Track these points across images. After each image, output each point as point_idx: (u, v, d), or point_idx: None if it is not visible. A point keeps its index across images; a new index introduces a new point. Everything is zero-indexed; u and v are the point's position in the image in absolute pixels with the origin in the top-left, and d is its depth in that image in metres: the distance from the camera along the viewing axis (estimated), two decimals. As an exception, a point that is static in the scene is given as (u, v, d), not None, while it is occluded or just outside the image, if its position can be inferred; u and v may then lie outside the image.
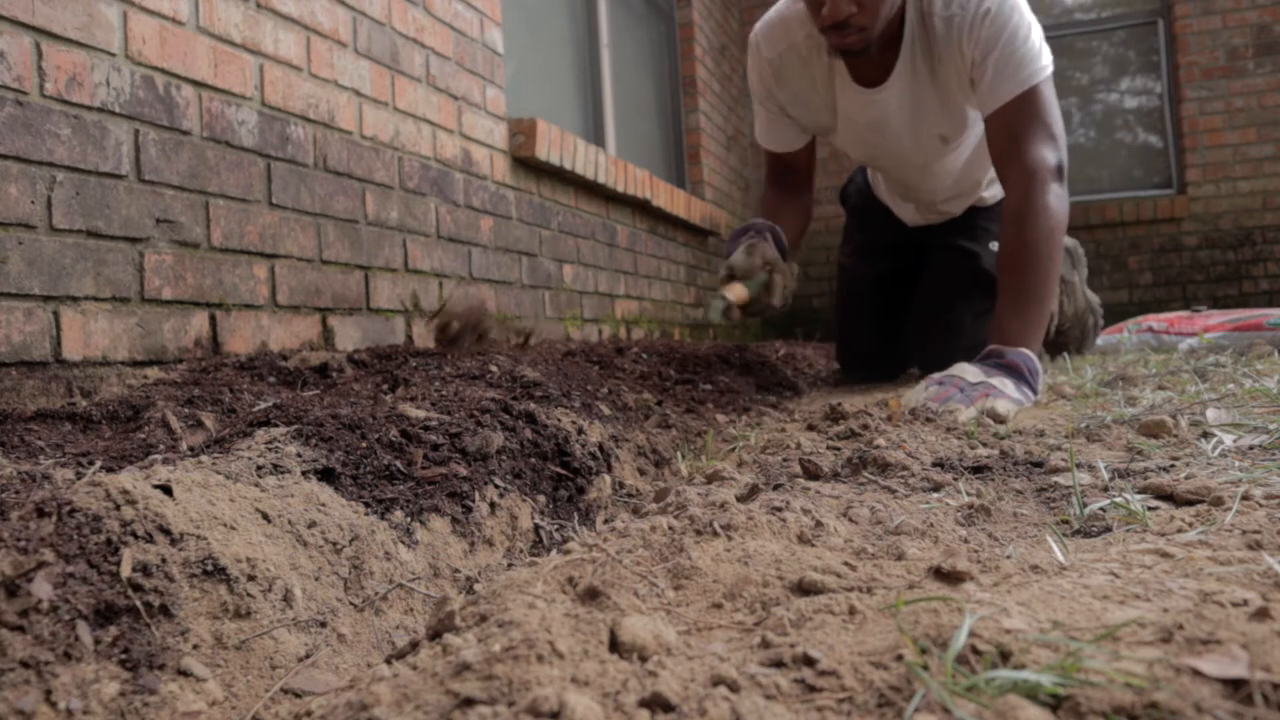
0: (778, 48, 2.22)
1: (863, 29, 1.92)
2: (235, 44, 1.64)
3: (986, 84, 1.93)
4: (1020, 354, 1.75)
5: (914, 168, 2.38)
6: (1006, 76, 1.91)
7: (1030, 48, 1.92)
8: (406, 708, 0.46)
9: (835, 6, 1.88)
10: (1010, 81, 1.91)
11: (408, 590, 0.88)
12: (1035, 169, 1.86)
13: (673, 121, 4.58)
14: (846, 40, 1.95)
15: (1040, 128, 1.90)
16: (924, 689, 0.43)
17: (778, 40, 2.22)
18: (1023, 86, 1.90)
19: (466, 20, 2.46)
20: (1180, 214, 4.99)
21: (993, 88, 1.93)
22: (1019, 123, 1.90)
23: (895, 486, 1.00)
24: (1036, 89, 1.91)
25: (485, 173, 2.49)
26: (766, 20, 2.26)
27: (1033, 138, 1.89)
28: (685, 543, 0.70)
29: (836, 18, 1.89)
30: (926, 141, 2.24)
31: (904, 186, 2.54)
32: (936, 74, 2.08)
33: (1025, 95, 1.90)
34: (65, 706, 0.55)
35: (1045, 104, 1.92)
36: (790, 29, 2.19)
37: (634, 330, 3.46)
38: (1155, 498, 0.88)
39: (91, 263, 1.35)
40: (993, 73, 1.92)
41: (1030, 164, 1.87)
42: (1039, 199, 1.84)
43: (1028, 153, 1.88)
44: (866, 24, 1.91)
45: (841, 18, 1.88)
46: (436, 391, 1.35)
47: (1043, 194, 1.85)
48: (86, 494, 0.68)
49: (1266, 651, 0.43)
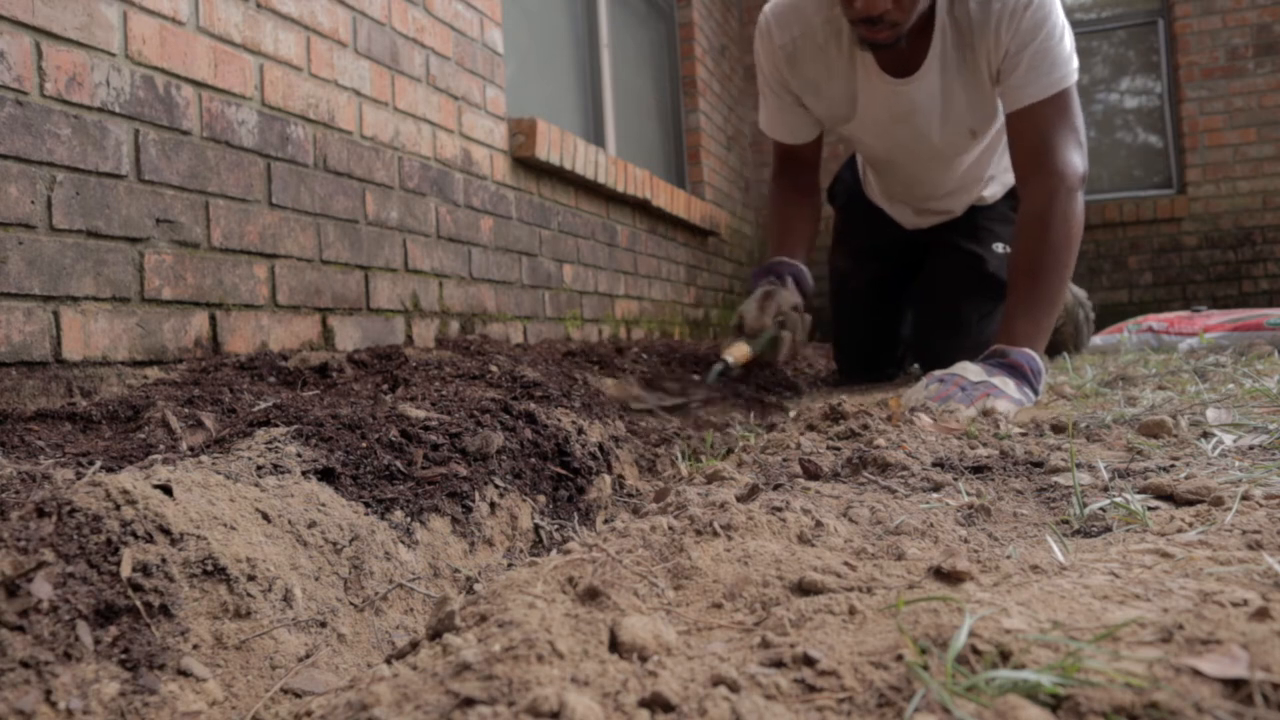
0: (791, 32, 2.13)
1: (895, 24, 1.86)
2: (235, 44, 1.64)
3: (1018, 77, 1.89)
4: (1023, 354, 1.74)
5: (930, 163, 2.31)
6: (1041, 73, 1.87)
7: (1064, 49, 1.89)
8: (406, 708, 0.46)
9: (870, 1, 1.80)
10: (1044, 79, 1.87)
11: (408, 590, 0.88)
12: (1065, 174, 1.84)
13: (673, 121, 4.58)
14: (878, 35, 1.88)
15: (1071, 132, 1.87)
16: (924, 689, 0.43)
17: (790, 24, 2.13)
18: (1056, 87, 1.87)
19: (466, 20, 2.46)
20: (1180, 214, 4.99)
21: (1024, 82, 1.88)
22: (1050, 124, 1.87)
23: (895, 486, 1.00)
24: (1068, 92, 1.88)
25: (485, 173, 2.49)
26: (777, 3, 2.16)
27: (1063, 141, 1.86)
28: (685, 543, 0.70)
29: (871, 12, 1.82)
30: (954, 135, 2.18)
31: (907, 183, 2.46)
32: (967, 65, 2.02)
33: (1058, 96, 1.87)
34: (65, 706, 0.55)
35: (1075, 108, 1.89)
36: (804, 13, 2.11)
37: (634, 330, 3.46)
38: (1155, 498, 0.88)
39: (91, 263, 1.35)
40: (1026, 67, 1.87)
41: (1060, 168, 1.84)
42: (1065, 205, 1.82)
43: (1058, 157, 1.85)
44: (900, 19, 1.85)
45: (876, 12, 1.81)
46: (436, 391, 1.35)
47: (1070, 200, 1.82)
48: (86, 494, 0.68)
49: (1266, 651, 0.43)
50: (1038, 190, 1.86)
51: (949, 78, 2.06)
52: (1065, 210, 1.82)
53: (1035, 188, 1.87)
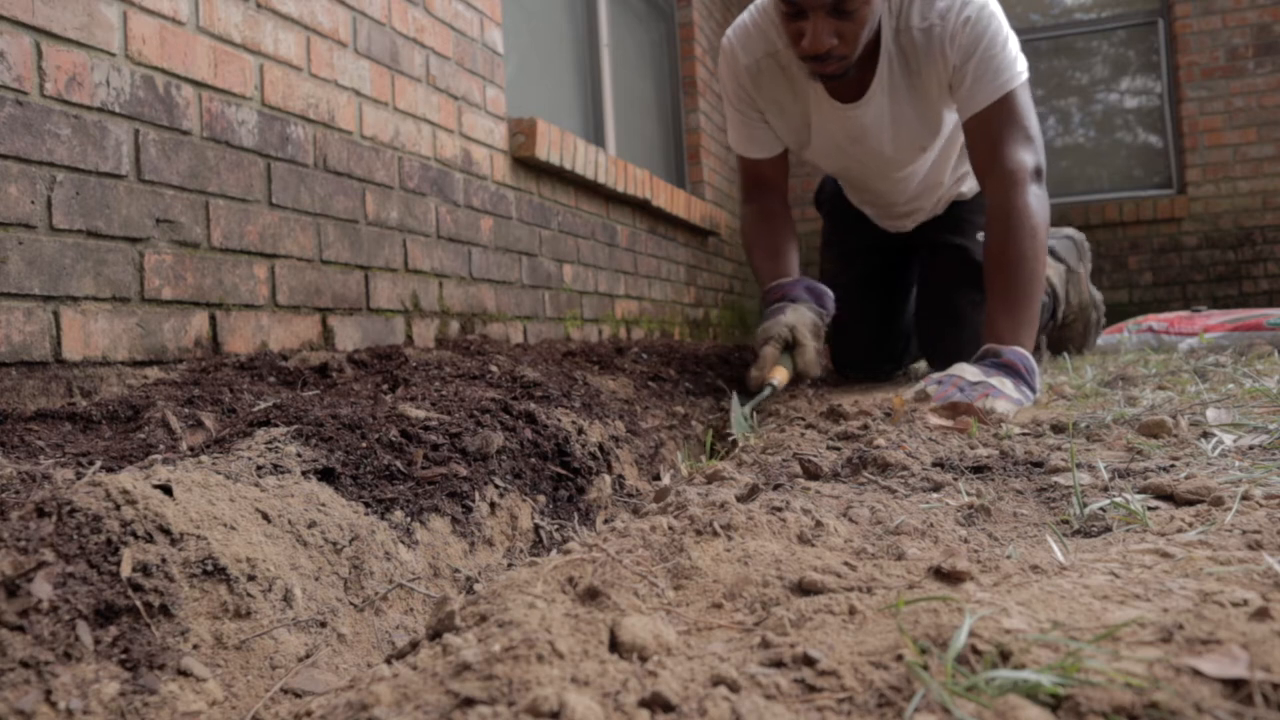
0: (754, 54, 2.19)
1: (843, 58, 1.94)
2: (235, 44, 1.64)
3: (966, 89, 1.98)
4: (1016, 353, 1.75)
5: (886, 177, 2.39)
6: (985, 81, 1.95)
7: (1007, 54, 1.96)
8: (406, 708, 0.46)
9: (816, 40, 1.88)
10: (989, 87, 1.95)
11: (408, 590, 0.88)
12: (1014, 171, 1.91)
13: (673, 121, 4.58)
14: (826, 69, 1.97)
15: (1018, 131, 1.95)
16: (924, 689, 0.43)
17: (754, 47, 2.19)
18: (1001, 91, 1.95)
19: (466, 20, 2.46)
20: (1180, 214, 4.99)
21: (971, 92, 1.97)
22: (997, 127, 1.95)
23: (895, 486, 1.00)
24: (1013, 94, 1.95)
25: (485, 173, 2.49)
26: (741, 26, 2.23)
27: (1011, 141, 1.94)
28: (685, 543, 0.70)
29: (818, 50, 1.90)
30: (905, 151, 2.27)
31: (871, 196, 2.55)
32: (914, 87, 2.11)
33: (1003, 100, 1.95)
34: (65, 706, 0.55)
35: (1022, 108, 1.97)
36: (769, 36, 2.17)
37: (634, 330, 3.46)
38: (1155, 498, 0.88)
39: (91, 263, 1.35)
40: (972, 78, 1.96)
41: (1009, 166, 1.92)
42: (1020, 200, 1.89)
43: (1007, 156, 1.93)
44: (846, 54, 1.93)
45: (823, 50, 1.89)
46: (436, 391, 1.35)
47: (1022, 195, 1.89)
48: (86, 494, 0.68)
49: (1266, 651, 0.43)
50: (994, 191, 1.94)
51: (897, 100, 2.14)
52: (1021, 205, 1.89)
53: (991, 189, 1.95)
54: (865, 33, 1.93)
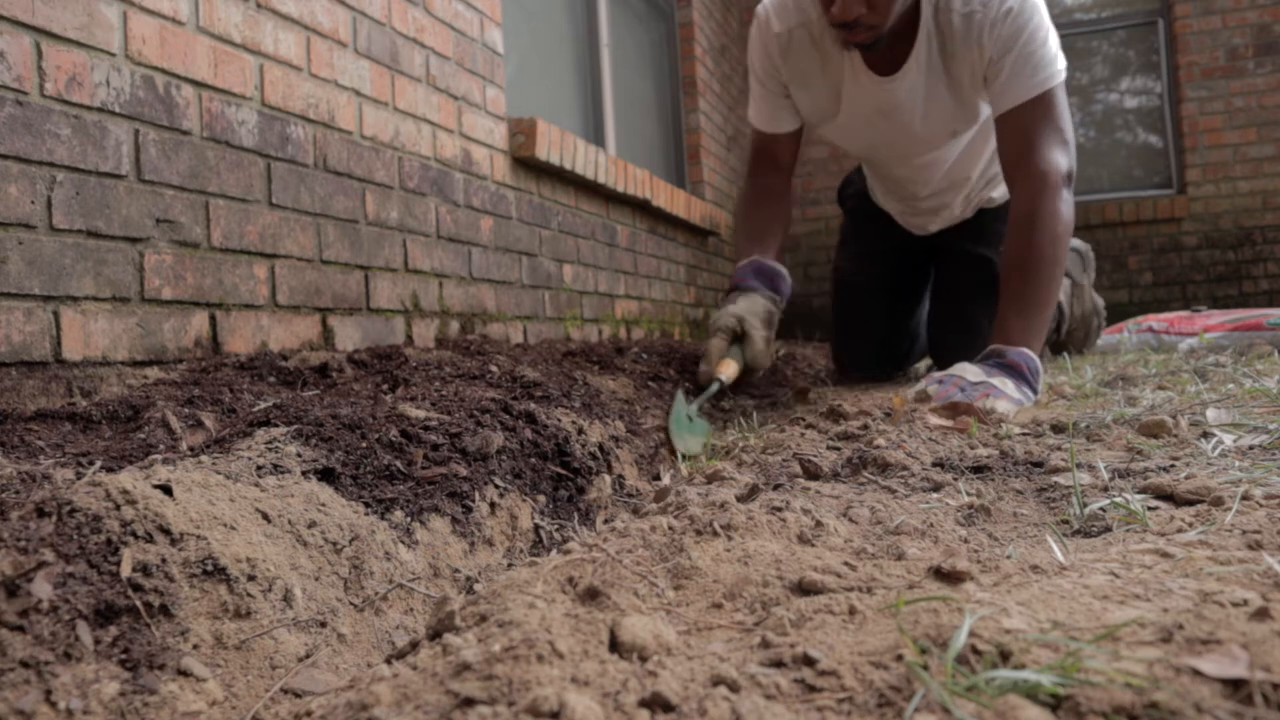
0: (788, 23, 2.17)
1: (872, 27, 1.90)
2: (235, 44, 1.64)
3: (1001, 82, 1.93)
4: (1021, 353, 1.74)
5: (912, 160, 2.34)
6: (1024, 77, 1.90)
7: (1048, 50, 1.91)
8: (406, 708, 0.46)
9: (845, 7, 1.85)
10: (1027, 83, 1.90)
11: (408, 590, 0.88)
12: (1047, 173, 1.86)
13: (673, 121, 4.58)
14: (856, 37, 1.94)
15: (1054, 132, 1.89)
16: (924, 689, 0.43)
17: (789, 15, 2.17)
18: (1039, 89, 1.89)
19: (466, 20, 2.46)
20: (1180, 214, 4.99)
21: (1007, 87, 1.92)
22: (1033, 125, 1.90)
23: (895, 486, 1.00)
24: (1052, 93, 1.90)
25: (485, 173, 2.49)
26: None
27: (1046, 142, 1.88)
28: (685, 543, 0.70)
29: (846, 18, 1.87)
30: (935, 132, 2.22)
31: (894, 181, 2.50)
32: (949, 70, 2.06)
33: (1040, 98, 1.90)
34: (65, 706, 0.55)
35: (1059, 108, 1.91)
36: (802, 6, 2.14)
37: (634, 330, 3.46)
38: (1155, 498, 0.88)
39: (91, 263, 1.35)
40: (1009, 72, 1.91)
41: (1042, 168, 1.86)
42: (1050, 204, 1.84)
43: (1041, 157, 1.87)
44: (876, 23, 1.90)
45: (851, 18, 1.87)
46: (436, 391, 1.35)
47: (1054, 199, 1.84)
48: (86, 494, 0.68)
49: (1266, 651, 0.43)
50: (1023, 191, 1.89)
51: (932, 81, 2.10)
52: (1050, 209, 1.84)
53: (1020, 189, 1.90)
54: (897, 5, 1.89)
